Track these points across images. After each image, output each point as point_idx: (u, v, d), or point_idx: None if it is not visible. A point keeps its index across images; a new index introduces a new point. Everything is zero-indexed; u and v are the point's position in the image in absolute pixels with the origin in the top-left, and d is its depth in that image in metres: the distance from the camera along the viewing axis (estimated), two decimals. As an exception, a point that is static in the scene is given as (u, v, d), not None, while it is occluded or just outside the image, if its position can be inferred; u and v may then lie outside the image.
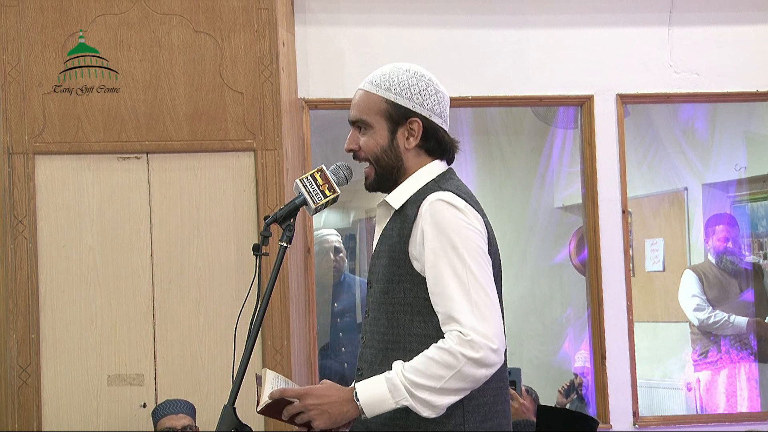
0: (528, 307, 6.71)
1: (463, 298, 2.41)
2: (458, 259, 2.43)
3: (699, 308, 6.26)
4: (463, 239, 2.45)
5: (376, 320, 2.58)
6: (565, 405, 5.78)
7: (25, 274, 4.53)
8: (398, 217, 2.59)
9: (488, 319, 2.40)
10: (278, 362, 4.58)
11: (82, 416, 4.55)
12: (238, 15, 4.71)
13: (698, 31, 5.50)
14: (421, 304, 2.50)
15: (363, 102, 2.63)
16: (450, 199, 2.50)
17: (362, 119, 2.63)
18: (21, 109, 4.58)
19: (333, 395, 2.44)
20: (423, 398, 2.39)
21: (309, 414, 2.43)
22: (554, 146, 6.56)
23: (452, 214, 2.47)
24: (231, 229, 4.68)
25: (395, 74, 2.63)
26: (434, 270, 2.45)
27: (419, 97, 2.61)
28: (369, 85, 2.64)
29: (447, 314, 2.43)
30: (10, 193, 4.55)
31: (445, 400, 2.40)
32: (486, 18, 5.36)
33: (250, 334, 2.52)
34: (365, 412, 2.42)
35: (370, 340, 2.60)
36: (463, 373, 2.38)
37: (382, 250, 2.60)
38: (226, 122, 4.68)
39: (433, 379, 2.38)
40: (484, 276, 2.45)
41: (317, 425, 2.43)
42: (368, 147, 2.62)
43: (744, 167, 6.54)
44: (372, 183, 2.66)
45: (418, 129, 2.60)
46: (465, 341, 2.38)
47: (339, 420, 2.43)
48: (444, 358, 2.38)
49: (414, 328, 2.51)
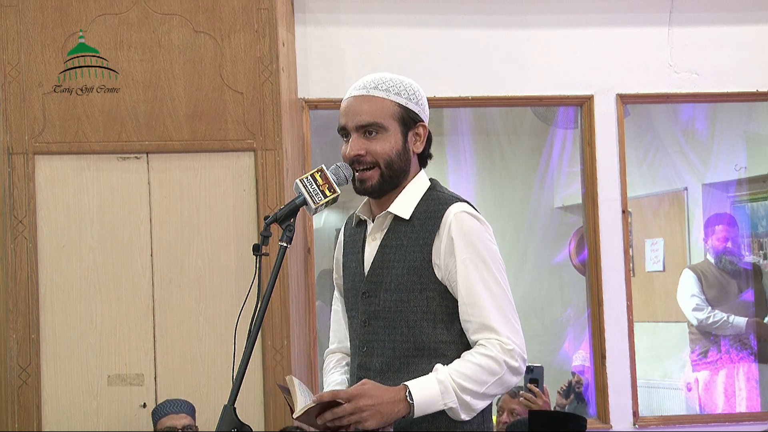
0: (528, 307, 6.71)
1: (496, 309, 2.51)
2: (487, 270, 2.53)
3: (698, 308, 6.25)
4: (490, 253, 2.55)
5: (391, 329, 2.59)
6: (564, 406, 5.77)
7: (25, 274, 4.53)
8: (406, 226, 2.60)
9: (518, 331, 2.52)
10: (278, 362, 4.58)
11: (82, 416, 4.55)
12: (238, 15, 4.71)
13: (698, 31, 5.50)
14: (443, 312, 2.56)
15: (374, 106, 2.62)
16: (472, 212, 2.57)
17: (377, 122, 2.61)
18: (21, 109, 4.58)
19: (384, 395, 2.44)
20: (466, 401, 2.45)
21: (362, 415, 2.41)
22: (554, 146, 6.56)
23: (477, 227, 2.56)
24: (231, 229, 4.68)
25: (398, 80, 2.65)
26: (466, 280, 2.52)
27: (423, 103, 2.67)
28: (376, 91, 2.64)
29: (482, 323, 2.51)
30: (10, 193, 4.55)
31: (482, 404, 2.50)
32: (486, 18, 5.36)
33: (250, 334, 2.51)
34: (415, 411, 2.44)
35: (379, 348, 2.61)
36: (504, 380, 2.48)
37: (392, 259, 2.60)
38: (226, 122, 4.68)
39: (479, 384, 2.46)
40: (508, 288, 2.56)
41: (369, 425, 2.42)
42: (381, 150, 2.61)
43: (744, 167, 6.54)
44: (376, 186, 2.63)
45: (424, 134, 2.65)
46: (507, 350, 2.47)
47: (389, 420, 2.44)
48: (490, 365, 2.46)
49: (438, 335, 2.56)
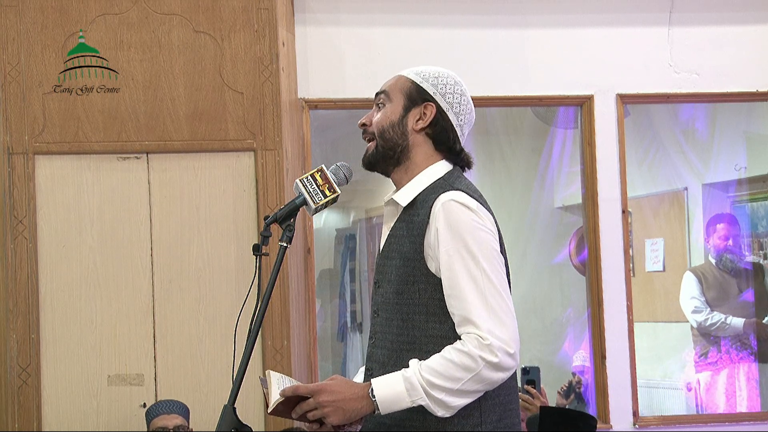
0: (528, 307, 6.71)
1: (480, 301, 2.41)
2: (473, 261, 2.43)
3: (697, 310, 6.25)
4: (477, 241, 2.44)
5: (389, 321, 2.57)
6: (564, 406, 5.77)
7: (25, 274, 4.53)
8: (407, 215, 2.58)
9: (505, 323, 2.41)
10: (278, 362, 4.58)
11: (82, 416, 4.55)
12: (238, 15, 4.71)
13: (698, 31, 5.50)
14: (436, 305, 2.49)
15: (392, 80, 2.69)
16: (462, 200, 2.49)
17: (384, 90, 2.67)
18: (21, 109, 4.58)
19: (347, 391, 2.42)
20: (439, 398, 2.39)
21: (323, 411, 2.41)
22: (554, 146, 6.56)
23: (466, 215, 2.47)
24: (231, 229, 4.68)
25: (432, 68, 2.69)
26: (450, 272, 2.45)
27: (443, 89, 2.64)
28: (405, 71, 2.70)
29: (463, 317, 2.42)
30: (10, 193, 4.55)
31: (460, 401, 2.41)
32: (486, 18, 5.36)
33: (250, 334, 2.52)
34: (380, 409, 2.41)
35: (381, 341, 2.59)
36: (481, 377, 2.39)
37: (393, 249, 2.58)
38: (226, 122, 4.68)
39: (451, 381, 2.38)
40: (499, 278, 2.45)
41: (331, 421, 2.41)
42: (378, 120, 2.65)
43: (744, 167, 6.54)
44: (369, 156, 2.66)
45: (431, 113, 2.62)
46: (484, 345, 2.38)
47: (352, 416, 2.42)
48: (463, 360, 2.38)
49: (429, 329, 2.50)
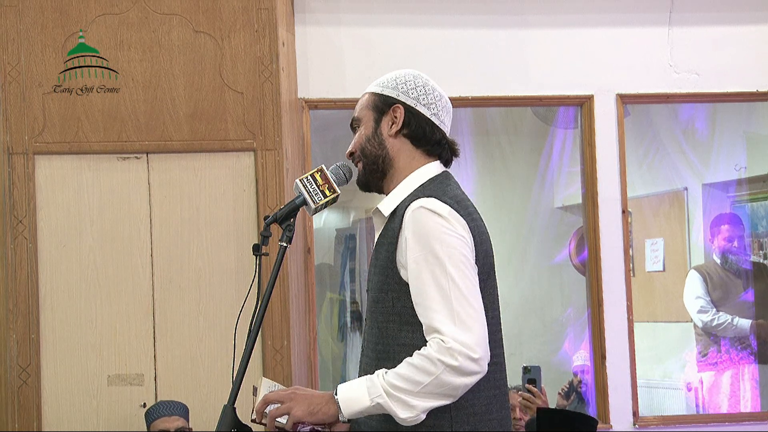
0: (528, 307, 6.71)
1: (444, 308, 2.38)
2: (440, 267, 2.40)
3: (702, 310, 6.25)
4: (445, 247, 2.41)
5: (371, 329, 2.58)
6: (565, 407, 5.77)
7: (25, 274, 4.53)
8: (390, 224, 2.57)
9: (470, 328, 2.37)
10: (278, 362, 4.58)
11: (82, 416, 4.55)
12: (238, 15, 4.71)
13: (698, 31, 5.50)
14: (409, 314, 2.47)
15: (359, 102, 2.70)
16: (432, 206, 2.46)
17: (355, 117, 2.69)
18: (21, 109, 4.58)
19: (315, 392, 2.48)
20: (402, 399, 2.37)
21: (288, 404, 2.43)
22: (554, 146, 6.56)
23: (434, 222, 2.43)
24: (231, 229, 4.67)
25: (390, 74, 2.69)
26: (417, 280, 2.42)
27: (404, 87, 2.64)
28: (367, 88, 2.71)
29: (428, 324, 2.40)
30: (10, 193, 4.55)
31: (424, 404, 2.38)
32: (486, 18, 5.36)
33: (250, 334, 2.52)
34: (342, 409, 2.41)
35: (366, 349, 2.60)
36: (442, 381, 2.36)
37: (376, 258, 2.58)
38: (226, 122, 4.68)
39: (412, 384, 2.37)
40: (467, 284, 2.41)
41: (295, 413, 2.42)
42: (356, 141, 2.66)
43: (744, 167, 6.54)
44: (360, 178, 2.68)
45: (400, 115, 2.61)
46: (444, 348, 2.35)
47: (316, 411, 2.43)
48: (423, 364, 2.36)
49: (402, 338, 2.48)
